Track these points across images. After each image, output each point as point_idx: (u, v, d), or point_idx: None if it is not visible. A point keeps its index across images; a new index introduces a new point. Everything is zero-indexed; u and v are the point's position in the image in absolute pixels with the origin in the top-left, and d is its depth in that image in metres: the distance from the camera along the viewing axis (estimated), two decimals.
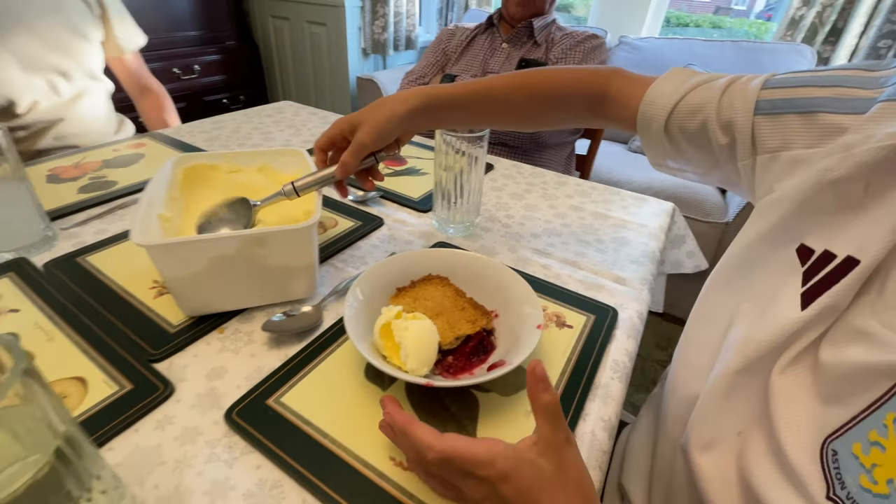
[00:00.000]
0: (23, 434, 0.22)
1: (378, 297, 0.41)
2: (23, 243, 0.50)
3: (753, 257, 0.34)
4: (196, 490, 0.29)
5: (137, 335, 0.40)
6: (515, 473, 0.24)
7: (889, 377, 0.23)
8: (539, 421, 0.26)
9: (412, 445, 0.27)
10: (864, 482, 0.23)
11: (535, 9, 1.02)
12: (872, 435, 0.23)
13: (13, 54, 0.77)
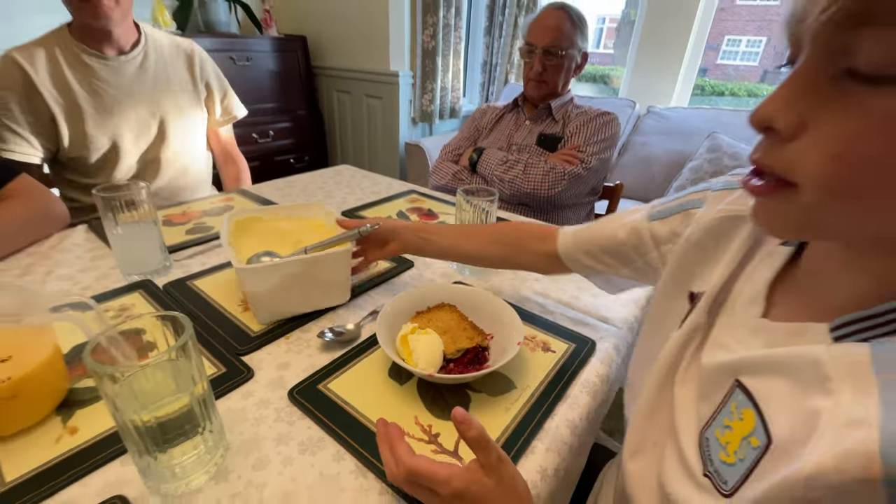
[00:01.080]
0: (177, 379, 0.37)
1: (401, 317, 0.54)
2: (149, 269, 0.69)
3: (661, 304, 0.44)
4: (266, 437, 0.42)
5: (229, 336, 0.55)
6: (467, 490, 0.31)
7: (732, 374, 0.31)
8: (473, 450, 0.33)
9: (392, 456, 0.35)
10: (722, 457, 0.30)
11: (548, 90, 1.19)
12: (725, 421, 0.31)
13: (134, 144, 1.01)
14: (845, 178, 0.23)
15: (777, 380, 0.28)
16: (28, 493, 0.37)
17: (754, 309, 0.33)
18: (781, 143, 0.24)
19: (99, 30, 0.91)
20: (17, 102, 0.89)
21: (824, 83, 0.22)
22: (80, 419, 0.44)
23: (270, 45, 2.23)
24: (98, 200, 0.63)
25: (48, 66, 0.91)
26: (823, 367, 0.25)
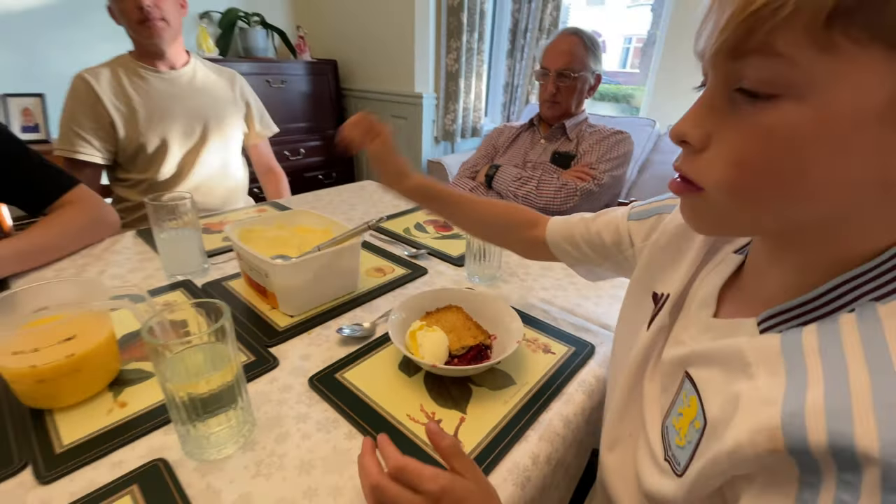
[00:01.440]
0: (216, 360, 0.43)
1: (412, 317, 0.59)
2: (190, 270, 0.76)
3: (629, 302, 0.48)
4: (288, 416, 0.48)
5: (258, 330, 0.61)
6: (452, 488, 0.33)
7: (683, 366, 0.35)
8: (447, 459, 0.36)
9: (385, 457, 0.36)
10: (677, 441, 0.33)
11: (562, 110, 1.24)
12: (679, 409, 0.34)
13: (179, 144, 1.14)
14: (740, 182, 0.27)
15: (713, 368, 0.32)
16: (83, 454, 0.43)
17: (707, 310, 0.36)
18: (694, 153, 0.29)
19: (153, 49, 1.08)
20: (84, 113, 1.05)
21: (723, 103, 0.27)
22: (129, 395, 0.50)
23: (304, 68, 2.38)
24: (149, 208, 0.71)
25: (111, 80, 1.07)
26: (746, 356, 0.29)
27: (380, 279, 0.76)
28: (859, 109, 0.22)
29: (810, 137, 0.23)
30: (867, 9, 0.21)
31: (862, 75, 0.22)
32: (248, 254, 0.63)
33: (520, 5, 2.37)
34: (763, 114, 0.24)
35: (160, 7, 1.03)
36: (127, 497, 0.39)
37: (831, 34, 0.22)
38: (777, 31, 0.23)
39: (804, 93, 0.23)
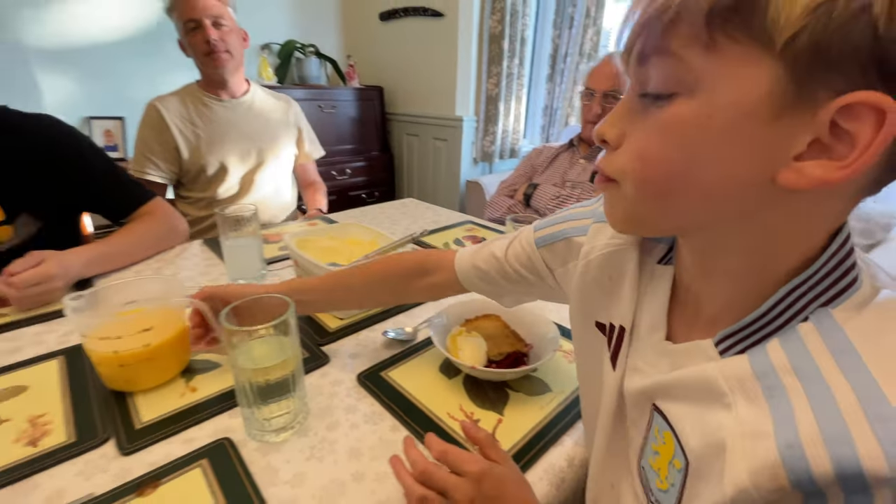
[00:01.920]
0: (279, 351, 0.47)
1: (453, 322, 0.63)
2: (251, 275, 0.83)
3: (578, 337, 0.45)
4: (338, 407, 0.52)
5: (312, 330, 0.66)
6: (491, 470, 0.36)
7: (649, 398, 0.32)
8: (485, 449, 0.39)
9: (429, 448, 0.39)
10: (658, 485, 0.31)
11: None
12: (653, 446, 0.31)
13: (236, 166, 1.25)
14: (642, 174, 0.28)
15: (682, 401, 0.29)
16: (160, 430, 0.48)
17: (658, 334, 0.34)
18: (612, 151, 0.30)
19: (217, 79, 1.19)
20: (154, 138, 1.17)
21: (635, 104, 0.28)
22: (199, 382, 0.56)
23: (352, 94, 2.53)
24: (218, 219, 0.79)
25: (178, 108, 1.19)
26: (717, 384, 0.26)
27: None
28: (738, 104, 0.23)
29: (696, 131, 0.25)
30: (742, 9, 0.22)
31: (741, 72, 0.23)
32: (306, 260, 0.69)
33: (560, 31, 2.43)
34: (662, 111, 0.26)
35: (225, 41, 1.15)
36: (198, 469, 0.44)
37: (713, 34, 0.23)
38: (668, 34, 0.24)
39: (693, 89, 0.24)
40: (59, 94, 2.01)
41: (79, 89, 2.05)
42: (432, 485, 0.37)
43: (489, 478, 0.36)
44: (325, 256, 0.78)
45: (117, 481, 0.43)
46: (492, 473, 0.36)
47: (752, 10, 0.22)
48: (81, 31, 1.99)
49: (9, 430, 0.48)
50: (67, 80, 2.02)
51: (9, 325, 0.67)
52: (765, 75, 0.22)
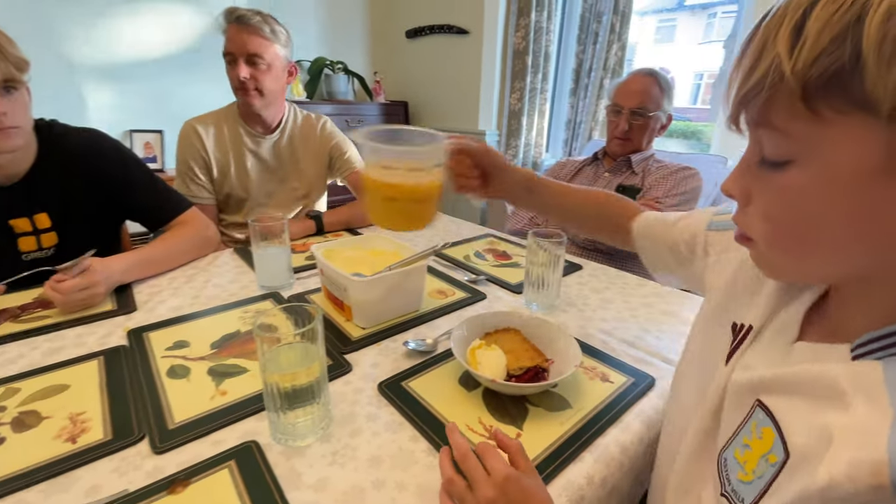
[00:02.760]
0: (305, 358, 0.49)
1: (473, 335, 0.63)
2: (279, 283, 0.86)
3: (703, 332, 0.46)
4: (360, 415, 0.53)
5: (335, 338, 0.68)
6: (517, 478, 0.36)
7: (754, 393, 0.33)
8: (515, 457, 0.40)
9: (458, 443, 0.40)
10: (740, 476, 0.32)
11: (633, 147, 1.26)
12: (745, 440, 0.32)
13: (259, 199, 1.28)
14: (773, 235, 0.30)
15: (795, 397, 0.30)
16: (191, 431, 0.50)
17: (786, 336, 0.35)
18: (742, 207, 0.32)
19: (252, 112, 1.21)
20: (195, 161, 1.21)
21: (755, 165, 0.30)
22: (228, 385, 0.58)
23: (378, 109, 2.59)
24: (251, 227, 0.82)
25: (215, 135, 1.22)
26: (840, 384, 0.27)
27: (442, 301, 0.81)
28: (858, 170, 0.24)
29: (818, 198, 0.26)
30: (837, 83, 0.23)
31: (852, 139, 0.24)
32: (331, 269, 0.71)
33: (584, 46, 2.44)
34: (779, 177, 0.28)
35: (257, 79, 1.13)
36: (225, 470, 0.46)
37: (814, 107, 0.24)
38: (768, 109, 0.26)
39: (806, 159, 0.26)
40: (103, 109, 2.13)
41: (122, 104, 2.18)
42: (465, 467, 0.38)
43: (515, 485, 0.36)
44: (350, 266, 0.80)
45: (150, 479, 0.45)
46: (519, 481, 0.37)
47: (847, 85, 0.23)
48: (127, 48, 2.12)
49: (50, 427, 0.51)
50: (112, 95, 2.15)
51: (52, 326, 0.71)
52: (879, 139, 0.23)
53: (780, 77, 0.25)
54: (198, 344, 0.67)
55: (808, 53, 0.24)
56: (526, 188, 0.66)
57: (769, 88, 0.25)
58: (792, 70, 0.24)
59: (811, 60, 0.23)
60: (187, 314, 0.76)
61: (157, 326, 0.72)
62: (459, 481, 0.38)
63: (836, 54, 0.23)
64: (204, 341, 0.68)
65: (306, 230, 1.14)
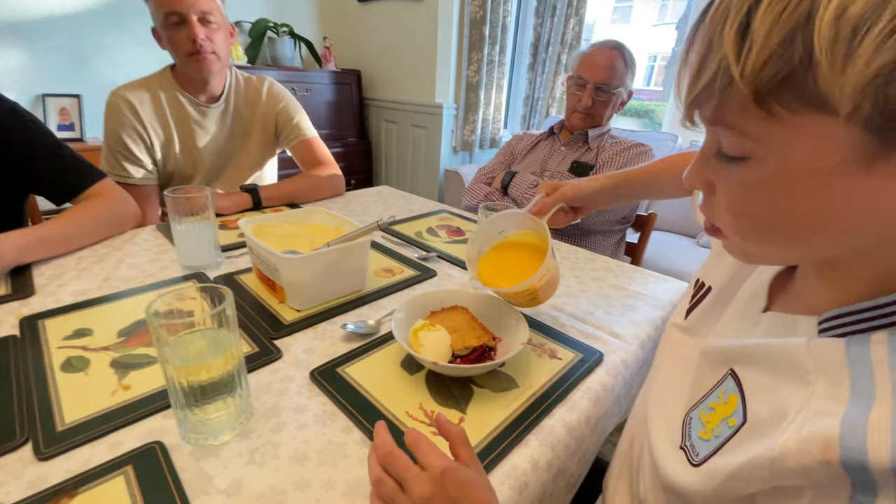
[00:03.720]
0: (217, 347, 0.42)
1: (417, 315, 0.59)
2: (204, 263, 0.77)
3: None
4: (286, 407, 0.47)
5: (265, 322, 0.62)
6: (456, 470, 0.33)
7: (728, 362, 0.34)
8: (456, 447, 0.36)
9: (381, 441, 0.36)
10: (700, 434, 0.33)
11: (593, 122, 1.23)
12: (711, 403, 0.34)
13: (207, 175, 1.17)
14: (740, 227, 0.29)
15: (763, 369, 0.31)
16: (83, 433, 0.43)
17: (757, 304, 0.36)
18: (708, 197, 0.31)
19: (198, 80, 1.07)
20: (130, 135, 1.05)
21: (713, 157, 0.29)
22: (133, 378, 0.51)
23: (328, 78, 2.44)
24: (168, 201, 0.73)
25: (152, 104, 1.07)
26: (803, 361, 0.27)
27: (388, 279, 0.76)
28: (820, 167, 0.23)
29: (781, 192, 0.25)
30: (791, 84, 0.22)
31: (812, 137, 0.23)
32: (259, 247, 0.64)
33: (542, 19, 2.38)
34: (740, 171, 0.27)
35: (212, 40, 1.01)
36: (120, 477, 0.39)
37: (769, 107, 0.23)
38: (721, 109, 0.25)
39: (764, 156, 0.25)
40: (11, 71, 1.87)
41: (33, 65, 1.92)
42: (392, 470, 0.34)
43: (453, 478, 0.33)
44: (285, 243, 0.73)
45: (31, 490, 0.38)
46: (457, 473, 0.33)
47: (800, 86, 0.22)
48: (37, 2, 1.85)
49: None
50: (21, 54, 1.88)
51: None
52: (840, 137, 0.22)
53: (730, 81, 0.23)
54: (102, 332, 0.59)
55: (756, 57, 0.22)
56: (613, 196, 0.69)
57: (720, 92, 0.24)
58: (741, 75, 0.23)
59: (760, 65, 0.22)
60: (94, 299, 0.66)
61: (57, 313, 0.63)
62: (390, 481, 0.34)
63: (785, 57, 0.22)
64: (110, 329, 0.59)
65: (241, 205, 1.04)
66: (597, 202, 0.68)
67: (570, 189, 0.63)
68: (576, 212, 0.68)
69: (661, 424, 0.39)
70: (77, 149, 0.94)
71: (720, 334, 0.38)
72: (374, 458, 0.36)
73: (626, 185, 0.68)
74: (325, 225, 0.79)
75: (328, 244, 0.67)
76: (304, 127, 1.23)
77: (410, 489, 0.33)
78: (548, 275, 0.55)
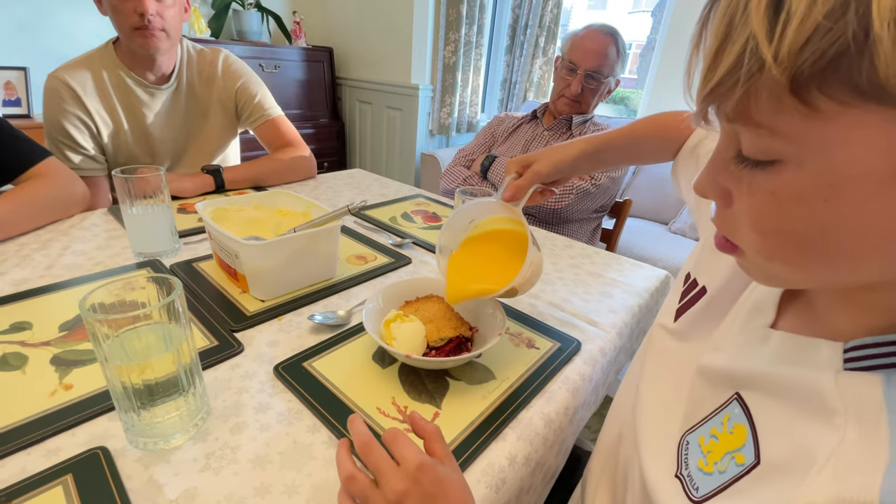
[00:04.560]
0: (167, 342, 0.39)
1: (390, 305, 0.56)
2: (160, 249, 0.72)
3: None
4: (247, 406, 0.44)
5: (225, 313, 0.57)
6: (432, 468, 0.31)
7: (733, 385, 0.30)
8: (431, 443, 0.34)
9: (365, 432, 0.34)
10: (700, 464, 0.30)
11: (580, 109, 1.21)
12: (713, 430, 0.30)
13: (165, 160, 1.09)
14: (766, 246, 0.24)
15: (779, 401, 0.27)
16: (17, 439, 0.39)
17: (763, 317, 0.31)
18: (723, 209, 0.26)
19: (146, 57, 0.96)
20: (72, 123, 0.95)
21: (731, 161, 0.24)
22: (76, 377, 0.46)
23: (298, 54, 2.33)
24: (117, 181, 0.66)
25: (95, 88, 0.97)
26: (830, 400, 0.23)
27: (361, 267, 0.73)
28: (872, 170, 0.19)
29: (821, 203, 0.21)
30: (840, 68, 0.18)
31: (862, 134, 0.19)
32: (218, 232, 0.59)
33: (521, 1, 2.33)
34: (768, 178, 0.22)
35: (163, 16, 0.91)
36: (59, 488, 0.35)
37: (809, 99, 0.19)
38: (746, 105, 0.21)
39: (800, 159, 0.21)
40: None
41: None
42: (368, 461, 0.32)
43: (428, 473, 0.31)
44: (249, 228, 0.69)
45: None
46: (434, 469, 0.31)
47: (852, 70, 0.17)
48: None
49: None
50: None
51: None
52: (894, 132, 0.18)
53: (759, 66, 0.19)
54: (43, 326, 0.54)
55: (795, 34, 0.18)
56: (594, 162, 0.61)
57: (745, 81, 0.20)
58: (775, 57, 0.18)
59: (800, 44, 0.18)
60: (34, 289, 0.61)
61: None
62: (362, 477, 0.32)
63: (834, 32, 0.17)
64: (51, 322, 0.54)
65: (202, 187, 0.98)
66: (577, 170, 0.59)
67: (544, 164, 0.54)
68: (553, 184, 0.59)
69: (653, 445, 0.35)
70: (23, 126, 0.86)
71: (718, 346, 0.34)
72: (344, 454, 0.33)
73: (608, 149, 0.60)
74: (291, 209, 0.74)
75: (294, 230, 0.62)
76: (268, 105, 1.15)
77: (384, 485, 0.31)
78: (528, 272, 0.50)
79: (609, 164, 0.65)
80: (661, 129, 0.61)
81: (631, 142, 0.62)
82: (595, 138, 0.60)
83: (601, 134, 0.61)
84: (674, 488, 0.31)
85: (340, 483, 0.33)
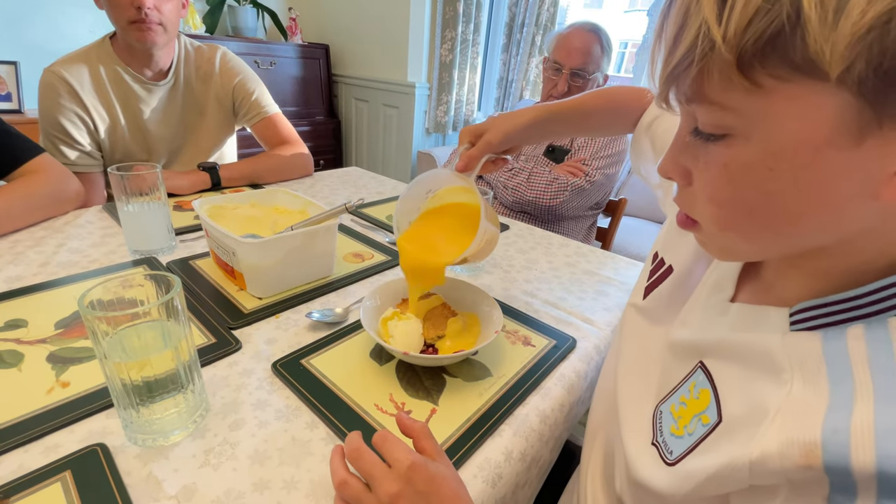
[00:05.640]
0: (166, 339, 0.39)
1: (387, 303, 0.56)
2: (156, 247, 0.72)
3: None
4: (245, 402, 0.44)
5: (222, 311, 0.58)
6: (424, 466, 0.32)
7: (698, 355, 0.33)
8: (419, 441, 0.35)
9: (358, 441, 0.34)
10: (672, 430, 0.32)
11: None
12: (682, 398, 0.33)
13: (162, 157, 1.09)
14: (721, 217, 0.27)
15: (735, 364, 0.30)
16: (16, 436, 0.39)
17: (723, 293, 0.34)
18: (683, 188, 0.29)
19: (143, 52, 0.95)
20: (69, 119, 0.94)
21: (690, 140, 0.27)
22: (73, 374, 0.46)
23: (294, 51, 2.32)
24: (113, 179, 0.66)
25: (92, 83, 0.96)
26: (777, 357, 0.26)
27: (357, 265, 0.73)
28: (808, 140, 0.22)
29: (767, 172, 0.23)
30: (777, 46, 0.20)
31: (799, 107, 0.21)
32: (215, 230, 0.59)
33: None
34: (720, 152, 0.25)
35: (160, 10, 0.90)
36: (57, 484, 0.36)
37: (752, 77, 0.21)
38: (700, 83, 0.23)
39: (747, 132, 0.23)
40: None
41: None
42: (359, 467, 0.33)
43: (420, 472, 0.31)
44: (246, 226, 0.69)
45: None
46: (426, 468, 0.32)
47: (787, 48, 0.20)
48: None
49: None
50: None
51: None
52: (829, 105, 0.21)
53: (711, 46, 0.22)
54: (39, 323, 0.53)
55: (739, 16, 0.20)
56: (544, 132, 0.60)
57: (699, 60, 0.22)
58: (723, 37, 0.21)
59: (744, 25, 0.20)
60: (29, 286, 0.60)
61: None
62: (354, 482, 0.32)
63: (772, 13, 0.20)
64: (47, 320, 0.54)
65: (199, 184, 0.97)
66: (528, 139, 0.58)
67: (496, 134, 0.54)
68: (506, 152, 0.58)
69: (632, 419, 0.38)
70: (14, 122, 0.85)
71: (684, 322, 0.37)
72: (337, 460, 0.34)
73: (557, 119, 0.60)
74: (288, 207, 0.75)
75: (292, 227, 0.63)
76: (266, 103, 1.15)
77: (377, 488, 0.31)
78: (482, 241, 0.49)
79: (560, 135, 0.67)
80: (613, 103, 0.63)
81: (582, 112, 0.62)
82: (546, 107, 0.59)
83: (552, 103, 0.60)
84: (651, 457, 0.33)
85: (334, 490, 0.33)
